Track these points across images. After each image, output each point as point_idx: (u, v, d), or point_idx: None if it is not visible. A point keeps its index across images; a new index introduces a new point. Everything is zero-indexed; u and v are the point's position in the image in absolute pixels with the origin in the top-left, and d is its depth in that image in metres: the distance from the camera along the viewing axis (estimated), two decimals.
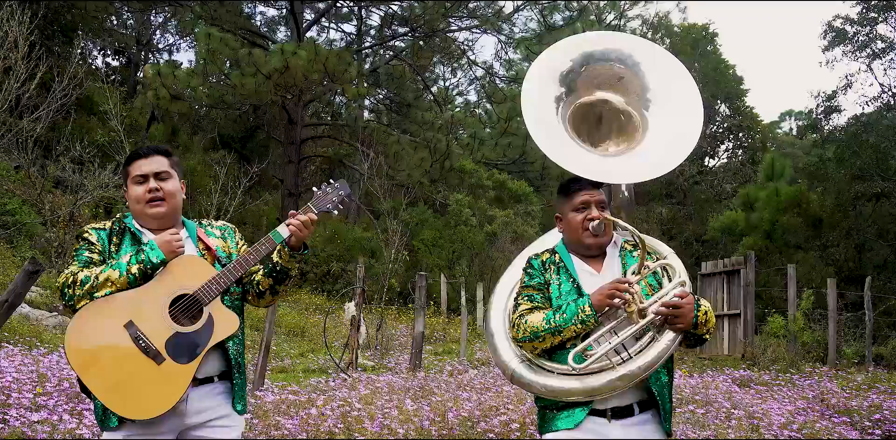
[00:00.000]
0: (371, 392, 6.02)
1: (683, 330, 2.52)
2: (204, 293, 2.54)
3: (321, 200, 2.74)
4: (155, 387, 2.44)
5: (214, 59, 16.53)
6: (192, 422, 2.56)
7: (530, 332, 2.54)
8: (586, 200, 2.70)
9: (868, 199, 20.48)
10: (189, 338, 2.50)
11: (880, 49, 22.60)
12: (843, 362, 11.06)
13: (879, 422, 6.38)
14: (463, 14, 21.28)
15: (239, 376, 2.64)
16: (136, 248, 2.54)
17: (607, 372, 2.50)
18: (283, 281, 2.71)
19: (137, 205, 2.65)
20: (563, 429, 2.55)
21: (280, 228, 2.67)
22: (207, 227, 2.83)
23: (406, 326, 13.46)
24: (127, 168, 2.70)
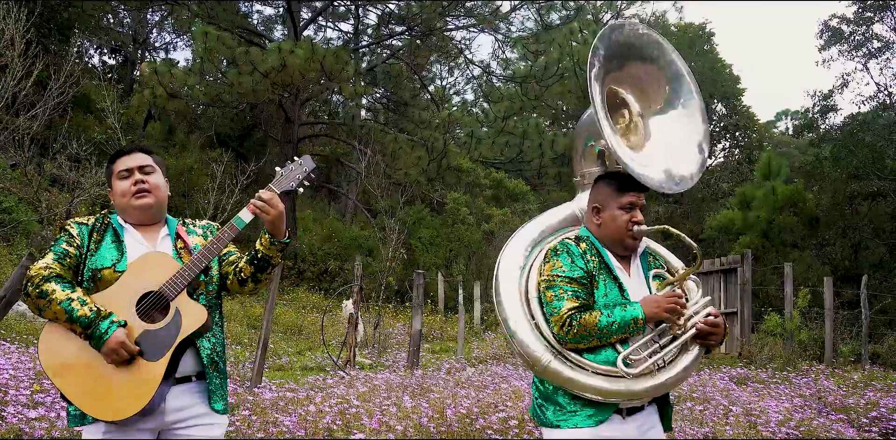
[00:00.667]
0: (369, 389, 6.02)
1: (712, 346, 2.66)
2: (169, 288, 2.51)
3: (284, 179, 2.66)
4: (127, 387, 2.42)
5: (211, 57, 16.49)
6: (172, 420, 2.54)
7: (581, 335, 2.53)
8: (634, 202, 2.71)
9: (864, 198, 20.54)
10: (157, 334, 2.47)
11: (876, 48, 22.68)
12: (840, 360, 11.08)
13: (876, 419, 6.40)
14: (460, 13, 21.27)
15: (217, 375, 2.62)
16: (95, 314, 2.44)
17: (647, 377, 2.56)
18: (265, 269, 2.67)
19: (123, 198, 2.64)
20: (586, 427, 2.55)
21: (242, 213, 2.62)
22: (190, 225, 2.81)
23: (403, 325, 13.47)
24: (110, 167, 2.70)
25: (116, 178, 2.67)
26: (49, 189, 13.72)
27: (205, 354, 2.60)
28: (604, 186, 2.75)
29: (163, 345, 2.47)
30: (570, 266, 2.61)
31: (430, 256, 18.45)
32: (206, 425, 2.58)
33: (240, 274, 2.69)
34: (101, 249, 2.60)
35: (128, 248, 2.62)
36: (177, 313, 2.51)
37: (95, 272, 2.56)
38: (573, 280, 2.60)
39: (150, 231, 2.71)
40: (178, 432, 2.56)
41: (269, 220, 2.59)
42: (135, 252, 2.62)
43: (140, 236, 2.68)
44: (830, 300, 11.53)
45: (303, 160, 2.70)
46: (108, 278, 2.55)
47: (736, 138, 32.10)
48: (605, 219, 2.71)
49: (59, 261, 2.56)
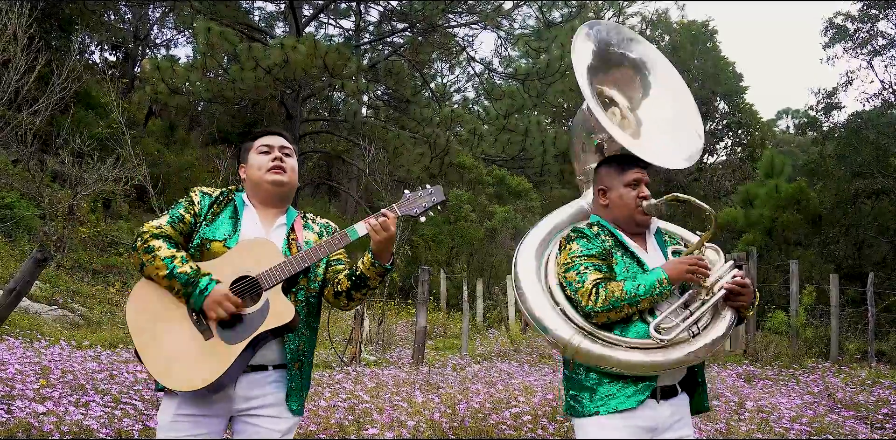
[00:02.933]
0: (377, 385, 5.97)
1: (745, 307, 2.64)
2: (266, 278, 2.49)
3: (409, 204, 2.62)
4: (197, 361, 2.42)
5: (213, 53, 16.42)
6: (243, 407, 2.52)
7: (611, 302, 2.50)
8: (639, 178, 2.73)
9: (868, 195, 20.49)
10: (241, 319, 2.46)
11: (881, 46, 22.62)
12: (846, 358, 11.04)
13: (888, 416, 6.35)
14: (462, 10, 21.22)
15: (299, 374, 2.58)
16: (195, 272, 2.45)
17: (684, 345, 2.53)
18: (361, 288, 2.62)
19: (258, 171, 2.66)
20: (626, 409, 2.51)
21: (357, 225, 2.58)
22: (309, 221, 2.79)
23: (406, 321, 13.43)
24: (250, 143, 2.75)
25: (256, 152, 2.70)
26: (51, 185, 13.67)
27: (289, 348, 2.56)
28: (606, 169, 2.79)
29: (243, 332, 2.45)
30: (587, 245, 2.64)
31: (433, 253, 18.41)
32: (274, 418, 2.54)
33: (337, 286, 2.66)
34: (216, 221, 2.62)
35: (242, 226, 2.62)
36: (266, 305, 2.49)
37: (205, 242, 2.57)
38: (592, 256, 2.61)
39: (269, 215, 2.71)
40: (246, 419, 2.54)
41: (379, 240, 2.54)
42: (249, 231, 2.62)
43: (258, 218, 2.67)
44: (837, 298, 11.49)
45: (434, 189, 2.67)
46: (216, 251, 2.55)
47: (738, 136, 32.06)
48: (612, 199, 2.74)
49: (171, 225, 2.58)
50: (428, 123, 19.55)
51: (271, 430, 2.53)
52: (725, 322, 2.60)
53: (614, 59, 3.12)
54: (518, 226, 18.45)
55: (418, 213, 2.62)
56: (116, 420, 4.55)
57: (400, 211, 2.60)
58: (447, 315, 15.83)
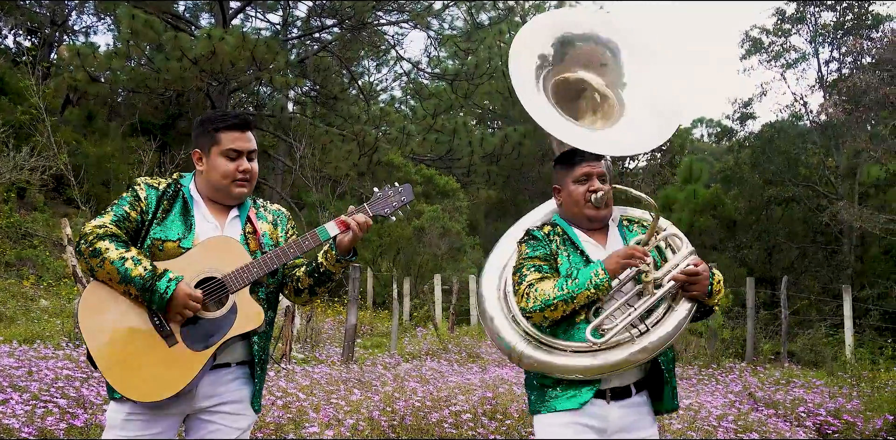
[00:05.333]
0: (311, 383, 5.88)
1: (699, 297, 2.52)
2: (233, 280, 2.39)
3: (380, 203, 2.57)
4: (160, 370, 2.30)
5: (137, 41, 15.90)
6: (201, 406, 2.43)
7: (542, 301, 2.46)
8: (588, 172, 2.68)
9: (779, 203, 21.34)
10: (207, 324, 2.35)
11: (793, 59, 23.59)
12: (760, 358, 11.44)
13: (808, 414, 6.61)
14: (392, 8, 21.15)
15: (261, 374, 2.51)
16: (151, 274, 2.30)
17: (626, 345, 2.46)
18: (324, 283, 2.56)
19: (223, 180, 2.50)
20: (565, 409, 2.50)
21: (329, 225, 2.51)
22: (261, 209, 2.66)
23: (333, 319, 13.29)
24: (216, 134, 2.50)
25: (221, 155, 2.50)
26: None
27: (256, 350, 2.48)
28: (558, 168, 2.77)
29: (209, 337, 2.35)
30: (534, 246, 2.62)
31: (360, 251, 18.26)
32: (235, 415, 2.46)
33: (297, 283, 2.58)
34: (167, 220, 2.45)
35: (196, 225, 2.47)
36: (234, 308, 2.39)
37: (157, 243, 2.41)
38: (535, 257, 2.60)
39: (221, 209, 2.56)
40: (204, 417, 2.44)
41: (351, 240, 2.49)
42: (202, 229, 2.48)
43: (209, 213, 2.53)
44: (752, 300, 11.90)
45: (403, 188, 2.61)
46: (170, 252, 2.41)
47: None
48: (563, 197, 2.73)
49: (116, 224, 2.40)
50: (356, 121, 19.40)
51: (231, 428, 2.45)
52: (678, 315, 2.50)
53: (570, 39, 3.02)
54: (446, 226, 18.50)
55: (389, 213, 2.58)
56: (39, 418, 4.36)
57: (372, 211, 2.55)
58: (374, 313, 15.75)
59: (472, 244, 20.18)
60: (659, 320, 2.51)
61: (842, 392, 7.86)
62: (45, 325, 8.78)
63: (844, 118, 17.23)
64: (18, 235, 12.95)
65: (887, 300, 16.94)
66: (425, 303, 15.48)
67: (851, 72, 20.60)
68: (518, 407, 4.87)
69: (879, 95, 15.62)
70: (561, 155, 2.81)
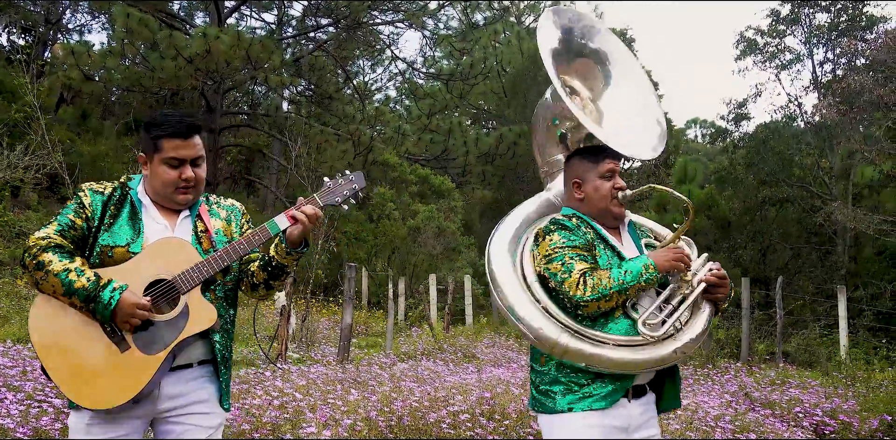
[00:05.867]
0: (308, 383, 5.86)
1: (721, 299, 2.61)
2: (183, 281, 2.35)
3: (331, 193, 2.52)
4: (114, 376, 2.26)
5: (132, 39, 15.83)
6: (166, 408, 2.39)
7: (599, 290, 2.43)
8: (613, 169, 2.69)
9: (773, 203, 21.39)
10: (159, 326, 2.31)
11: (788, 61, 23.65)
12: (755, 359, 11.46)
13: (805, 414, 6.62)
14: (387, 8, 21.12)
15: (225, 372, 2.47)
16: (94, 284, 2.25)
17: (669, 341, 2.49)
18: (279, 276, 2.53)
19: (166, 188, 2.44)
20: (599, 409, 2.47)
21: (278, 218, 2.48)
22: (214, 206, 2.61)
23: (328, 319, 13.27)
24: (158, 142, 2.41)
25: (163, 162, 2.42)
26: None
27: (217, 348, 2.45)
28: (579, 161, 2.74)
29: (162, 340, 2.31)
30: (569, 237, 2.57)
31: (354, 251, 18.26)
32: (204, 414, 2.43)
33: (252, 278, 2.55)
34: (115, 225, 2.40)
35: (145, 228, 2.43)
36: (185, 309, 2.35)
37: (106, 250, 2.36)
38: (576, 247, 2.55)
39: (171, 210, 2.52)
40: (174, 420, 2.41)
41: (301, 233, 2.45)
42: (152, 232, 2.43)
43: (159, 215, 2.49)
44: (748, 300, 11.91)
45: (354, 176, 2.57)
46: (120, 258, 2.36)
47: None
48: (587, 191, 2.69)
49: (60, 233, 2.35)
50: (351, 120, 19.36)
51: (201, 427, 2.42)
52: (704, 316, 2.57)
53: (576, 48, 3.09)
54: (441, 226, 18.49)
55: (340, 202, 2.54)
56: (34, 418, 4.33)
57: (322, 201, 2.51)
58: (369, 313, 15.72)
59: (467, 244, 20.16)
60: (688, 320, 2.57)
61: (837, 392, 7.87)
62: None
63: (839, 119, 17.27)
64: (12, 234, 12.88)
65: (880, 300, 16.99)
66: (420, 302, 15.46)
67: (845, 73, 20.65)
68: (516, 407, 4.86)
69: (874, 96, 15.66)
70: (585, 148, 2.80)
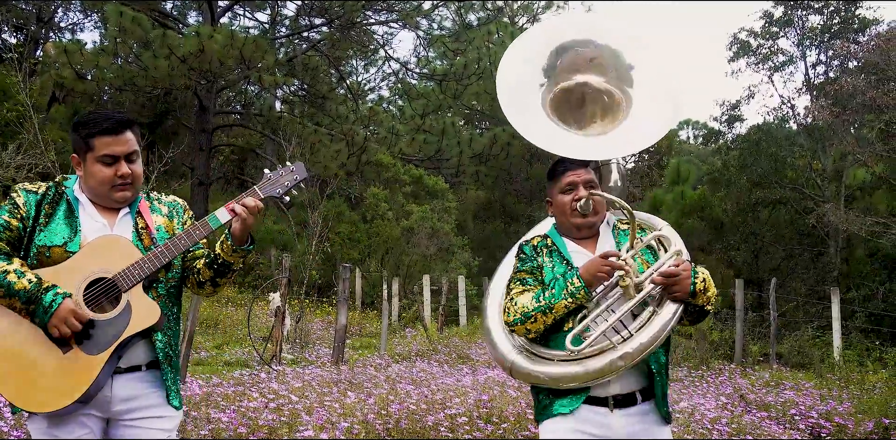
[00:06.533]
0: (304, 385, 5.83)
1: (682, 299, 2.45)
2: (123, 279, 2.31)
3: (271, 184, 2.48)
4: (57, 378, 2.22)
5: (125, 38, 15.76)
6: (121, 409, 2.36)
7: (521, 314, 2.46)
8: (573, 181, 2.65)
9: (766, 205, 21.43)
10: (101, 326, 2.27)
11: (781, 62, 23.69)
12: (749, 360, 11.47)
13: (802, 417, 6.62)
14: (381, 7, 21.09)
15: (170, 370, 2.43)
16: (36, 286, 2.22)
17: (608, 352, 2.42)
18: (225, 274, 2.49)
19: (102, 187, 2.40)
20: (560, 413, 2.49)
21: (218, 212, 2.43)
22: (155, 202, 2.57)
23: (322, 320, 13.24)
24: (89, 141, 2.37)
25: (96, 161, 2.38)
26: None
27: (159, 347, 2.40)
28: (548, 182, 2.78)
29: (105, 339, 2.27)
30: (523, 261, 2.64)
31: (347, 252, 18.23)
32: (158, 418, 2.40)
33: (198, 276, 2.50)
34: (51, 224, 2.36)
35: (82, 226, 2.38)
36: (127, 307, 2.30)
37: (43, 250, 2.31)
38: (522, 271, 2.61)
39: (109, 208, 2.47)
40: (128, 423, 2.37)
41: (244, 227, 2.41)
42: (90, 230, 2.38)
43: (97, 213, 2.43)
44: (742, 302, 11.92)
45: (295, 167, 2.53)
46: (58, 258, 2.31)
47: None
48: (554, 209, 2.72)
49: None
50: (344, 120, 19.32)
51: (160, 430, 2.40)
52: (662, 319, 2.43)
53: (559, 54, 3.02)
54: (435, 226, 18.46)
55: (281, 193, 2.50)
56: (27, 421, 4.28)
57: (262, 193, 2.47)
58: (362, 314, 15.69)
59: (460, 244, 20.15)
60: (643, 325, 2.46)
61: (832, 394, 7.89)
62: None
63: (831, 121, 17.32)
64: None
65: (873, 302, 17.04)
66: (414, 303, 15.44)
67: (838, 75, 20.71)
68: (514, 410, 4.84)
69: (866, 98, 15.70)
70: (550, 167, 2.81)
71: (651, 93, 2.95)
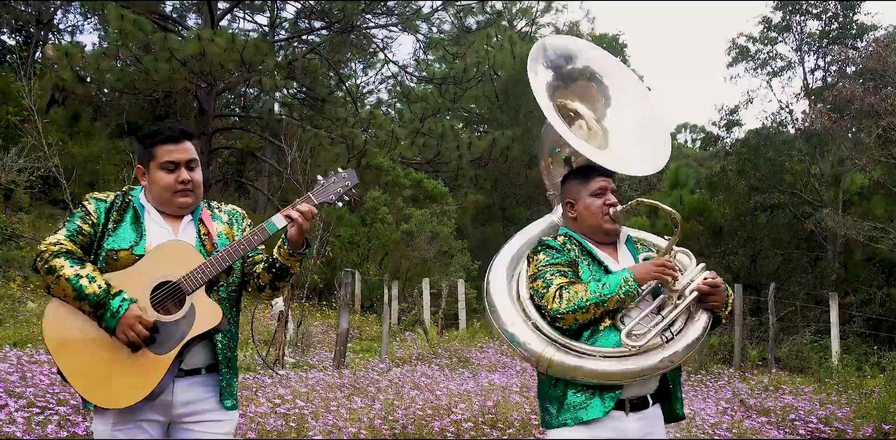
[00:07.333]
0: (308, 390, 5.86)
1: (717, 308, 2.62)
2: (188, 282, 2.42)
3: (324, 191, 2.59)
4: (127, 376, 2.34)
5: (126, 41, 15.77)
6: (181, 413, 2.47)
7: (575, 302, 2.49)
8: (604, 186, 2.74)
9: (764, 209, 21.50)
10: (168, 327, 2.38)
11: (779, 68, 23.79)
12: (748, 364, 11.52)
13: (803, 422, 6.66)
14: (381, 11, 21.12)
15: (228, 371, 2.53)
16: (105, 292, 2.34)
17: (656, 351, 2.51)
18: (283, 278, 2.60)
19: (164, 193, 2.55)
20: (591, 419, 2.51)
21: (275, 218, 2.54)
22: (215, 210, 2.70)
23: (322, 323, 13.26)
24: (152, 149, 2.56)
25: (159, 168, 2.55)
26: None
27: (220, 348, 2.51)
28: (571, 181, 2.82)
29: (172, 339, 2.38)
30: (553, 255, 2.66)
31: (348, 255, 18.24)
32: (215, 421, 2.50)
33: (258, 280, 2.62)
34: (119, 230, 2.49)
35: (147, 231, 2.51)
36: (192, 309, 2.41)
37: (111, 253, 2.45)
38: (557, 264, 2.64)
39: (173, 215, 2.60)
40: (187, 427, 2.48)
41: (300, 231, 2.53)
42: (155, 235, 2.51)
43: (161, 219, 2.57)
44: (740, 306, 11.97)
45: (346, 173, 2.64)
46: (125, 261, 2.44)
47: None
48: (579, 210, 2.76)
49: (70, 239, 2.44)
50: (343, 124, 19.33)
51: (218, 434, 2.51)
52: (699, 325, 2.59)
53: (573, 73, 3.15)
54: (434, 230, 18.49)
55: (335, 200, 2.60)
56: (38, 426, 4.32)
57: (317, 199, 2.58)
58: (362, 317, 15.70)
59: (459, 248, 20.17)
60: (681, 330, 2.58)
61: (830, 399, 7.93)
62: (33, 328, 8.70)
63: (829, 126, 17.39)
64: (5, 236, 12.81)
65: (870, 306, 17.11)
66: (413, 306, 15.46)
67: (836, 80, 20.79)
68: (519, 416, 4.88)
69: (865, 104, 15.77)
70: (574, 170, 2.87)
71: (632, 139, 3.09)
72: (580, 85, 3.18)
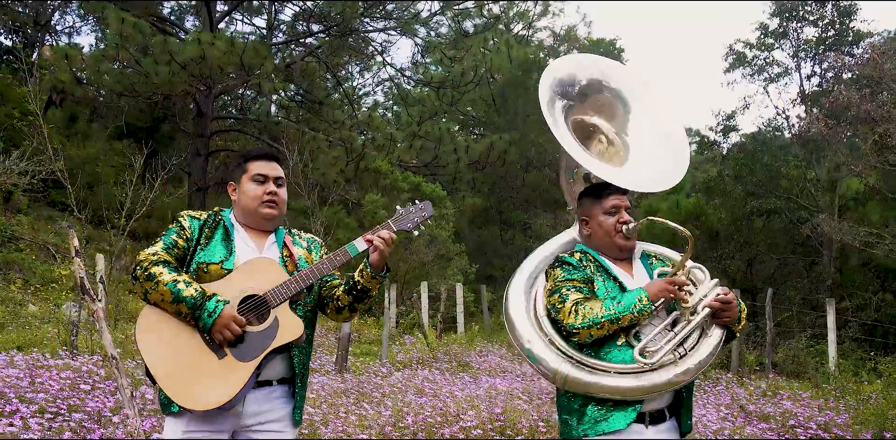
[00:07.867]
0: (315, 395, 5.90)
1: (729, 323, 2.67)
2: (273, 296, 2.59)
3: (403, 219, 2.80)
4: (213, 380, 2.48)
5: (125, 44, 15.78)
6: (249, 423, 2.60)
7: (590, 318, 2.56)
8: (617, 204, 2.81)
9: (760, 214, 21.60)
10: (252, 337, 2.54)
11: (776, 74, 23.92)
12: (745, 369, 11.60)
13: (804, 428, 6.72)
14: (379, 15, 21.17)
15: (301, 386, 2.69)
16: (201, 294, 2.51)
17: (669, 367, 2.57)
18: (363, 299, 2.75)
19: (252, 202, 2.75)
20: (613, 431, 2.56)
21: (357, 242, 2.73)
22: (296, 237, 2.89)
23: (320, 326, 13.27)
24: (245, 164, 2.81)
25: (250, 180, 2.78)
26: None
27: (296, 363, 2.65)
28: (586, 199, 2.90)
29: (256, 349, 2.53)
30: (569, 271, 2.74)
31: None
32: (280, 432, 2.63)
33: (337, 302, 2.77)
34: (210, 245, 2.69)
35: (236, 248, 2.70)
36: (276, 321, 2.57)
37: (202, 266, 2.63)
38: (574, 280, 2.71)
39: (259, 235, 2.79)
40: (252, 435, 2.61)
41: (381, 256, 2.69)
42: (243, 252, 2.70)
43: (249, 238, 2.76)
44: None
45: (424, 205, 2.84)
46: (215, 274, 2.62)
47: None
48: (593, 227, 2.84)
49: (167, 251, 2.63)
50: (341, 126, 19.37)
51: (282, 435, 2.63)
52: (712, 341, 2.64)
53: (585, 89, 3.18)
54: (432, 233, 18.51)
55: (411, 228, 2.81)
56: (53, 433, 4.35)
57: (396, 226, 2.77)
58: (360, 320, 15.72)
59: (457, 251, 20.21)
60: (694, 345, 2.64)
61: (829, 405, 8.00)
62: (36, 332, 8.71)
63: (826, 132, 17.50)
64: (5, 239, 12.81)
65: (866, 312, 17.21)
66: (411, 310, 15.49)
67: (832, 87, 20.92)
68: (527, 423, 4.93)
69: (861, 111, 15.88)
70: (588, 188, 2.94)
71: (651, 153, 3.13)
72: (596, 98, 3.22)
